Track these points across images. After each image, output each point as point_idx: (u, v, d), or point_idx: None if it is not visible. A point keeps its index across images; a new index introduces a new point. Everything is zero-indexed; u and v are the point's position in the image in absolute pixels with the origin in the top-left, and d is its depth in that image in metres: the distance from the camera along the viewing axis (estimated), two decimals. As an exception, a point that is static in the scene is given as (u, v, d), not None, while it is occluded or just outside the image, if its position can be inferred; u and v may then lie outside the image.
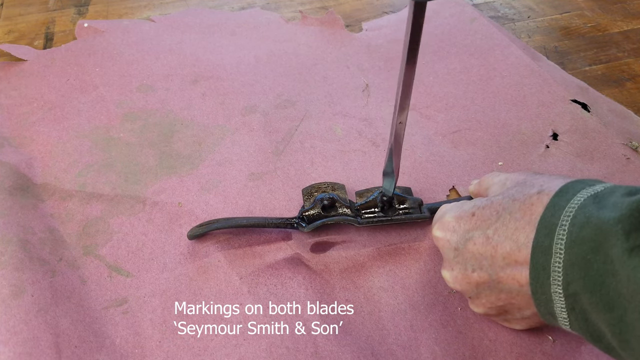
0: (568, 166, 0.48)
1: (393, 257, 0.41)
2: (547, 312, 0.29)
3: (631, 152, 0.49)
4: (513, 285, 0.31)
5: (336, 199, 0.42)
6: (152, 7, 0.74)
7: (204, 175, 0.48)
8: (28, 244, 0.41)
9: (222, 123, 0.54)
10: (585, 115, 0.53)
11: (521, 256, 0.30)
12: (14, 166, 0.48)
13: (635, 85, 0.58)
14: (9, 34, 0.69)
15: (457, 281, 0.34)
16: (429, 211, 0.43)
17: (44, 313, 0.36)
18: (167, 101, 0.57)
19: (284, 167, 0.49)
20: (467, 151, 0.50)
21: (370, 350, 0.35)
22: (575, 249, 0.26)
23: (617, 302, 0.24)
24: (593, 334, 0.27)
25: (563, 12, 0.72)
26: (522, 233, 0.30)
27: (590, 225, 0.26)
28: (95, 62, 0.62)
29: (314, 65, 0.62)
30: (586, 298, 0.26)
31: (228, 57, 0.63)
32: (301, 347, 0.36)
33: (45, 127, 0.54)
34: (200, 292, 0.39)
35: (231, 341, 0.36)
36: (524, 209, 0.30)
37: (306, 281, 0.40)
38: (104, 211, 0.45)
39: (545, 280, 0.28)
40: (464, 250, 0.33)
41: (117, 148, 0.51)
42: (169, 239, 0.43)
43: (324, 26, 0.68)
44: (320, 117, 0.55)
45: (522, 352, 0.35)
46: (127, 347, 0.36)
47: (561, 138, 0.50)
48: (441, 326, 0.37)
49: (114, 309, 0.38)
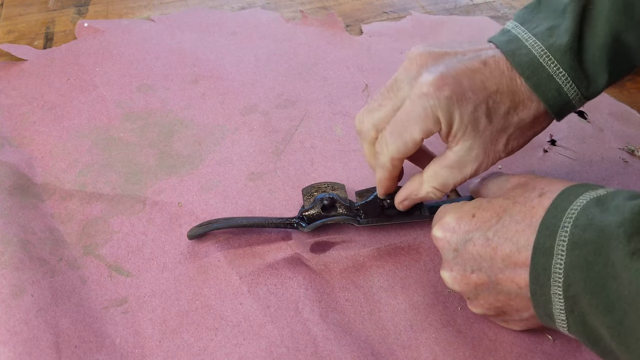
0: (566, 169, 0.48)
1: (393, 257, 0.42)
2: (546, 314, 0.29)
3: (629, 156, 0.49)
4: (512, 287, 0.31)
5: (336, 199, 0.42)
6: (152, 7, 0.74)
7: (204, 175, 0.48)
8: (28, 244, 0.41)
9: (222, 123, 0.54)
10: (582, 123, 0.53)
11: (521, 258, 0.30)
12: (14, 166, 0.48)
13: (635, 85, 0.58)
14: (9, 34, 0.69)
15: (456, 282, 0.34)
16: (429, 211, 0.43)
17: (44, 313, 0.36)
18: (167, 101, 0.57)
19: (284, 167, 0.49)
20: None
21: (370, 350, 0.36)
22: (577, 251, 0.26)
23: (618, 305, 0.24)
24: (590, 337, 0.27)
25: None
26: (523, 235, 0.30)
27: (592, 227, 0.26)
28: (95, 62, 0.62)
29: (314, 65, 0.62)
30: (586, 300, 0.26)
31: (228, 57, 0.63)
32: (301, 347, 0.36)
33: (45, 127, 0.54)
34: (200, 292, 0.39)
35: (231, 341, 0.36)
36: (525, 212, 0.30)
37: (306, 281, 0.40)
38: (104, 211, 0.45)
39: (546, 281, 0.28)
40: (463, 251, 0.33)
41: (117, 148, 0.51)
42: (169, 239, 0.43)
43: (324, 27, 0.68)
44: (320, 117, 0.55)
45: (522, 351, 0.35)
46: (127, 347, 0.36)
47: (559, 143, 0.51)
48: (441, 326, 0.37)
49: (114, 308, 0.38)
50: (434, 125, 0.34)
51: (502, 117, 0.34)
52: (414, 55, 0.36)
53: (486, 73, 0.34)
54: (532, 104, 0.34)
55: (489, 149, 0.35)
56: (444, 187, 0.37)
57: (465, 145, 0.34)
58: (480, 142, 0.34)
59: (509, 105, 0.34)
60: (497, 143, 0.35)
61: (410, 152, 0.36)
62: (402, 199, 0.40)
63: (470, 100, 0.33)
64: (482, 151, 0.35)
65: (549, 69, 0.33)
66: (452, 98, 0.33)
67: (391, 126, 0.36)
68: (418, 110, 0.34)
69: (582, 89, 0.34)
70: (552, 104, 0.34)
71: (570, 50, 0.33)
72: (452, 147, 0.35)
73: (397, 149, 0.36)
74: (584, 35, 0.34)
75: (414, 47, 0.36)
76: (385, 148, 0.36)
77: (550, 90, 0.34)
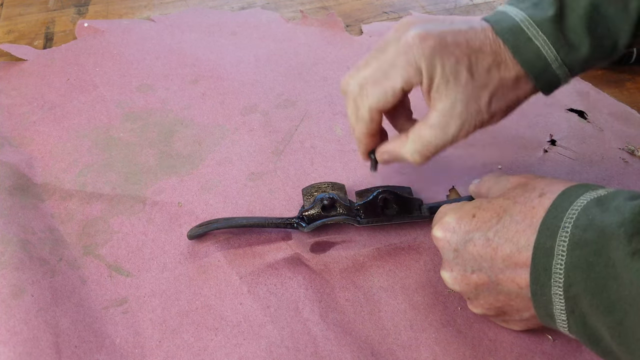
0: (567, 169, 0.48)
1: (393, 257, 0.42)
2: (546, 314, 0.29)
3: (629, 156, 0.49)
4: (512, 287, 0.31)
5: (336, 198, 0.42)
6: (152, 7, 0.74)
7: (204, 175, 0.48)
8: (28, 244, 0.41)
9: (222, 123, 0.54)
10: (582, 123, 0.53)
11: (521, 258, 0.30)
12: (14, 166, 0.48)
13: (635, 85, 0.58)
14: (9, 34, 0.69)
15: (457, 282, 0.34)
16: (429, 211, 0.43)
17: (44, 313, 0.36)
18: (167, 101, 0.57)
19: (284, 167, 0.49)
20: (467, 152, 0.50)
21: (370, 350, 0.36)
22: (577, 252, 0.26)
23: (618, 305, 0.24)
24: (591, 337, 0.27)
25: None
26: (523, 236, 0.30)
27: (593, 228, 0.26)
28: (95, 62, 0.62)
29: (314, 65, 0.62)
30: (587, 300, 0.26)
31: (228, 57, 0.63)
32: (301, 347, 0.36)
33: (46, 127, 0.54)
34: (200, 292, 0.39)
35: (231, 341, 0.36)
36: (525, 212, 0.30)
37: (306, 281, 0.40)
38: (104, 211, 0.45)
39: (546, 281, 0.28)
40: (463, 251, 0.33)
41: (117, 148, 0.51)
42: (169, 239, 0.43)
43: (324, 27, 0.69)
44: (320, 117, 0.55)
45: (522, 351, 0.35)
46: (127, 347, 0.36)
47: (559, 143, 0.51)
48: (441, 326, 0.37)
49: (114, 308, 0.38)
50: (415, 75, 0.34)
51: (484, 73, 0.34)
52: (405, 20, 0.36)
53: (471, 34, 0.35)
54: (515, 66, 0.35)
55: (472, 106, 0.35)
56: (427, 149, 0.36)
57: (447, 101, 0.34)
58: (463, 98, 0.34)
59: (491, 63, 0.35)
60: (480, 100, 0.35)
61: (390, 103, 0.36)
62: (383, 151, 0.40)
63: (452, 53, 0.34)
64: (465, 108, 0.35)
65: (529, 32, 0.34)
66: (435, 48, 0.33)
67: (373, 76, 0.36)
68: (400, 59, 0.34)
69: (562, 54, 0.34)
70: (531, 67, 0.35)
71: (551, 18, 0.34)
72: (435, 106, 0.35)
73: (377, 98, 0.36)
74: (565, 6, 0.35)
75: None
76: (366, 99, 0.37)
77: (528, 52, 0.34)
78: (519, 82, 0.35)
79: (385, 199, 0.42)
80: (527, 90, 0.36)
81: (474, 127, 0.36)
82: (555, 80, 0.36)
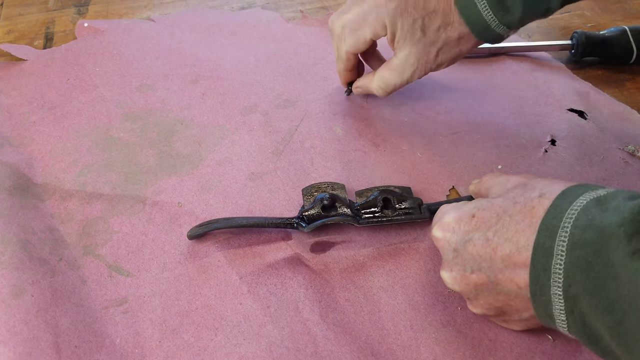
0: (567, 169, 0.48)
1: (393, 257, 0.42)
2: (546, 314, 0.29)
3: (629, 156, 0.49)
4: (512, 287, 0.31)
5: (336, 199, 0.42)
6: (152, 7, 0.74)
7: (204, 175, 0.48)
8: (28, 244, 0.41)
9: (222, 123, 0.54)
10: (582, 123, 0.53)
11: (521, 258, 0.30)
12: (14, 166, 0.48)
13: (635, 85, 0.58)
14: (9, 34, 0.69)
15: (456, 282, 0.34)
16: (428, 211, 0.43)
17: (44, 313, 0.36)
18: (167, 101, 0.57)
19: (284, 167, 0.49)
20: (467, 152, 0.50)
21: (370, 350, 0.36)
22: (576, 251, 0.27)
23: (618, 305, 0.24)
24: (590, 337, 0.27)
25: (563, 12, 0.72)
26: (522, 236, 0.30)
27: (592, 227, 0.26)
28: (95, 62, 0.62)
29: (314, 65, 0.62)
30: (586, 300, 0.26)
31: (228, 57, 0.63)
32: (301, 347, 0.36)
33: (45, 127, 0.54)
34: (200, 292, 0.39)
35: (231, 341, 0.36)
36: (525, 212, 0.31)
37: (306, 281, 0.40)
38: (104, 211, 0.45)
39: (546, 282, 0.28)
40: (463, 251, 0.33)
41: (117, 148, 0.51)
42: (169, 239, 0.43)
43: (324, 27, 0.69)
44: (320, 117, 0.55)
45: (522, 351, 0.35)
46: (127, 347, 0.36)
47: (559, 143, 0.51)
48: (441, 326, 0.37)
49: (114, 308, 0.38)
50: (381, 30, 0.45)
51: (434, 32, 0.44)
52: None
53: None
54: (460, 26, 0.44)
55: (422, 58, 0.45)
56: (387, 87, 0.48)
57: (404, 52, 0.45)
58: (416, 51, 0.45)
59: (440, 24, 0.44)
60: (429, 54, 0.45)
61: (361, 49, 0.48)
62: (357, 86, 0.53)
63: (410, 14, 0.43)
64: (417, 59, 0.45)
65: None
66: (397, 9, 0.43)
67: (349, 26, 0.47)
68: (372, 14, 0.45)
69: (499, 16, 0.42)
70: (473, 25, 0.43)
71: None
72: (396, 54, 0.46)
73: (351, 44, 0.47)
74: None
75: None
76: (343, 43, 0.48)
77: (472, 14, 0.42)
78: (462, 38, 0.45)
79: (385, 198, 0.42)
80: (470, 45, 0.46)
81: (424, 73, 0.47)
82: (496, 36, 0.44)
